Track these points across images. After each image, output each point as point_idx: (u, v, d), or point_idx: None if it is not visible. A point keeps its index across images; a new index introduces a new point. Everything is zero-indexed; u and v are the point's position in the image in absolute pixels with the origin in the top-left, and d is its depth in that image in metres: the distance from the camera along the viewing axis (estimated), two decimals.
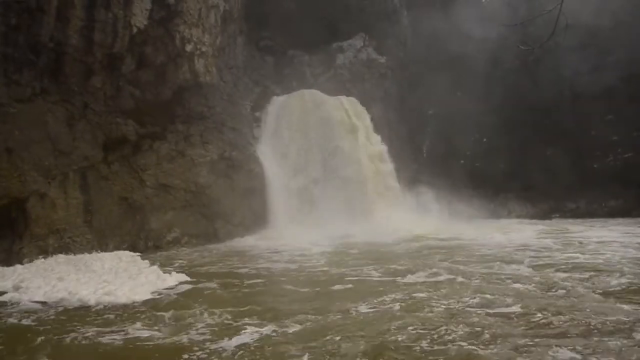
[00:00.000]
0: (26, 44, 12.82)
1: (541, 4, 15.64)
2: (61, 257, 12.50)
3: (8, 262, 11.81)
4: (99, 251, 13.66)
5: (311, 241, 15.44)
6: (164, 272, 9.93)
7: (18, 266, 11.47)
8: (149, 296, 8.15)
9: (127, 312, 7.27)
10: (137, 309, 7.44)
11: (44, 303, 7.93)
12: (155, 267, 10.76)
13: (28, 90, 12.98)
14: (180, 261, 12.35)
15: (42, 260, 12.20)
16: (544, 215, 21.48)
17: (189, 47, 16.46)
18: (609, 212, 20.89)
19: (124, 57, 14.87)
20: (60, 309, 7.60)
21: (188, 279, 9.39)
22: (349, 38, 25.67)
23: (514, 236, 15.49)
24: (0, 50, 12.36)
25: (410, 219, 19.70)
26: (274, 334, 6.01)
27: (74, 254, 13.10)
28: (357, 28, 25.68)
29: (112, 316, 7.09)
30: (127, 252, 13.78)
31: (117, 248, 14.17)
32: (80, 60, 13.82)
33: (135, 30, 14.79)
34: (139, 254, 13.85)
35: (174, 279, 9.29)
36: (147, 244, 15.05)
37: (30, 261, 12.09)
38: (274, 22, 23.82)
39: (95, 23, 13.86)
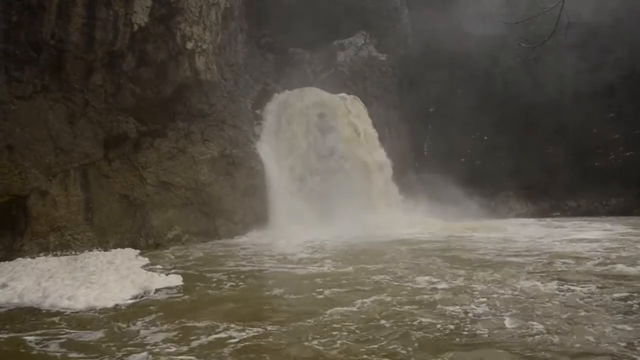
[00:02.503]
0: (27, 41, 12.79)
1: (542, 1, 15.62)
2: (61, 257, 12.53)
3: (9, 259, 11.81)
4: (100, 249, 13.70)
5: (311, 239, 15.45)
6: (160, 273, 9.75)
7: (17, 262, 11.49)
8: (124, 301, 7.83)
9: (64, 320, 6.92)
10: (82, 317, 7.10)
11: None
12: (147, 268, 10.67)
13: (29, 88, 12.96)
14: (179, 259, 12.31)
15: (43, 258, 12.19)
16: (545, 214, 21.48)
17: (189, 45, 16.34)
18: (610, 210, 20.92)
19: (125, 55, 14.74)
20: (3, 310, 7.54)
21: (179, 282, 9.05)
22: (350, 36, 25.68)
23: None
24: (1, 47, 12.33)
25: (410, 218, 19.92)
26: None
27: (75, 251, 13.16)
28: (358, 26, 25.69)
29: (38, 322, 6.80)
30: (128, 250, 13.83)
31: (118, 246, 14.21)
32: (81, 57, 13.71)
33: (136, 27, 14.67)
34: (141, 251, 13.93)
35: (164, 282, 8.96)
36: (147, 241, 15.10)
37: (33, 258, 12.10)
38: (274, 20, 23.77)
39: (96, 21, 13.79)
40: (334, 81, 24.02)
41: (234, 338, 5.89)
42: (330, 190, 19.76)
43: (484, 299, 7.25)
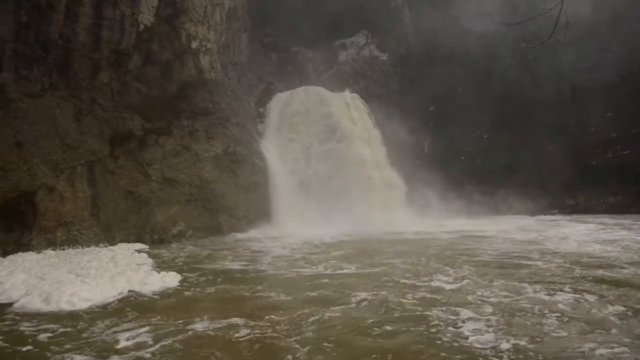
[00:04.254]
0: (36, 40, 12.91)
1: (541, 1, 15.71)
2: (67, 251, 12.62)
3: (17, 253, 11.89)
4: (106, 244, 13.77)
5: (312, 236, 15.46)
6: (159, 271, 9.57)
7: (21, 256, 11.54)
8: (106, 300, 7.56)
9: (27, 318, 6.74)
10: (48, 316, 6.87)
11: None
12: (148, 265, 10.60)
13: (37, 86, 13.08)
14: (181, 256, 12.28)
15: (49, 252, 12.29)
16: (543, 211, 21.52)
17: (194, 44, 16.45)
18: (607, 208, 20.96)
19: (131, 54, 14.90)
20: None
21: (175, 281, 8.73)
22: (352, 35, 25.69)
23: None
24: (11, 46, 12.47)
25: (411, 215, 20.09)
26: None
27: (81, 246, 13.23)
28: (360, 25, 25.68)
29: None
30: (133, 245, 13.87)
31: (124, 241, 14.28)
32: (88, 56, 13.88)
33: (142, 27, 14.82)
34: (145, 246, 13.99)
35: (159, 280, 8.65)
36: (152, 237, 15.15)
37: (40, 252, 12.22)
38: (277, 20, 23.78)
39: (103, 20, 13.93)
40: (336, 80, 24.03)
41: (199, 338, 5.71)
42: (332, 188, 19.79)
43: (477, 308, 6.83)
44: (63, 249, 12.85)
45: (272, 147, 20.10)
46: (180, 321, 6.53)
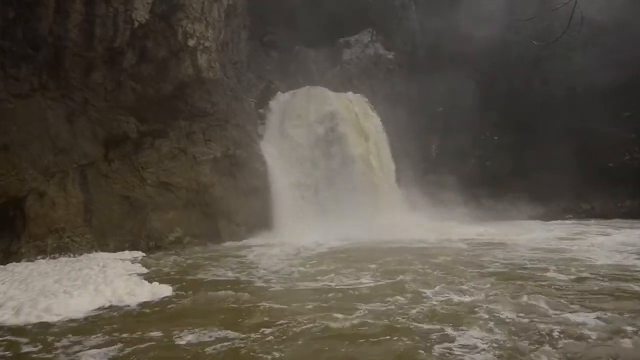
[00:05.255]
0: (24, 38, 12.71)
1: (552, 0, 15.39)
2: (59, 259, 12.46)
3: (6, 262, 11.74)
4: (99, 251, 13.61)
5: (315, 242, 15.35)
6: (153, 280, 9.36)
7: (10, 266, 11.41)
8: (89, 312, 7.33)
9: None
10: (10, 331, 6.62)
11: None
12: (140, 274, 10.43)
13: (26, 86, 12.87)
14: (176, 264, 12.08)
15: (40, 261, 12.13)
16: (557, 216, 21.21)
17: (191, 42, 16.30)
18: (625, 212, 20.60)
19: (125, 52, 14.74)
20: None
21: (167, 292, 8.46)
22: (356, 33, 25.55)
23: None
24: None
25: (419, 220, 19.68)
26: None
27: (74, 254, 13.06)
28: (364, 23, 25.53)
29: None
30: (127, 253, 13.78)
31: (118, 248, 14.13)
32: (80, 55, 13.70)
33: (136, 24, 14.64)
34: (141, 253, 13.86)
35: (148, 292, 8.39)
36: (148, 243, 15.02)
37: (30, 260, 12.07)
38: (278, 17, 23.72)
39: (96, 17, 13.75)
40: (340, 80, 23.93)
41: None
42: (335, 192, 19.66)
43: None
44: (54, 257, 12.68)
45: (273, 150, 19.95)
46: (159, 334, 6.25)
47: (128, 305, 7.83)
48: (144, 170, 15.39)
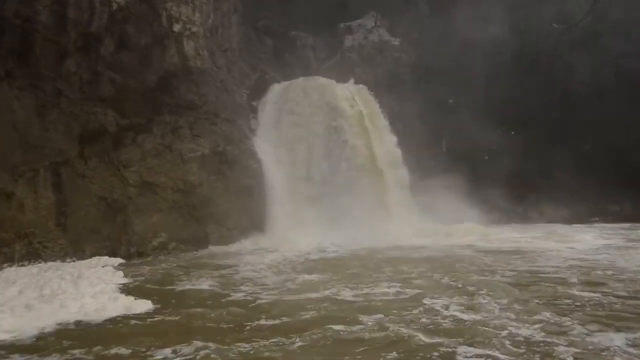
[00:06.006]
0: None
1: None
2: (29, 267, 12.25)
3: None
4: (74, 259, 13.49)
5: (314, 248, 15.32)
6: (130, 292, 9.16)
7: None
8: (45, 329, 7.07)
9: None
10: None
11: None
12: (116, 284, 10.22)
13: None
14: (160, 272, 11.95)
15: (9, 268, 11.96)
16: (582, 219, 20.97)
17: (176, 27, 16.30)
18: None
19: (103, 38, 14.62)
20: None
21: (144, 307, 8.20)
22: (359, 17, 25.51)
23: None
24: None
25: (428, 223, 19.66)
26: None
27: (45, 261, 12.92)
28: (368, 6, 25.48)
29: None
30: (106, 260, 13.57)
31: (96, 255, 13.97)
32: (51, 40, 13.54)
33: (115, 6, 14.58)
34: (121, 261, 13.71)
35: (121, 305, 8.15)
36: (129, 250, 14.94)
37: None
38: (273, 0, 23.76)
39: None
40: (341, 69, 23.82)
41: None
42: (336, 192, 19.58)
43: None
44: (23, 265, 12.51)
45: (267, 146, 19.97)
46: (125, 352, 6.10)
47: (95, 322, 7.58)
48: (124, 169, 15.31)
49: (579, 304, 8.01)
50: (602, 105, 21.40)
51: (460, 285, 9.48)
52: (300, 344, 6.39)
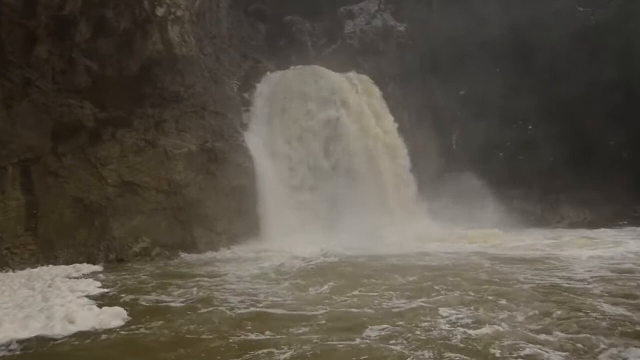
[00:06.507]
0: None
1: None
2: None
3: None
4: (46, 266, 13.46)
5: (311, 254, 15.22)
6: (104, 303, 9.01)
7: None
8: None
9: None
10: None
11: None
12: (90, 295, 10.07)
13: None
14: (141, 281, 11.86)
15: None
16: (607, 223, 20.86)
17: (160, 11, 16.25)
18: None
19: (77, 22, 14.55)
20: None
21: (117, 321, 8.08)
22: (360, 0, 25.61)
23: None
24: None
25: (435, 226, 19.89)
26: None
27: (13, 269, 12.94)
28: None
29: None
30: (83, 267, 13.53)
31: (70, 262, 13.91)
32: (19, 23, 13.43)
33: None
34: (100, 268, 13.66)
35: (92, 319, 8.00)
36: (108, 256, 15.00)
37: None
38: None
39: None
40: (341, 57, 23.78)
41: None
42: (336, 193, 19.64)
43: None
44: None
45: (261, 142, 20.02)
46: None
47: (59, 337, 7.44)
48: (102, 167, 15.30)
49: (606, 318, 7.75)
50: (630, 95, 21.28)
51: (470, 298, 9.30)
52: (291, 353, 6.37)
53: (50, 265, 13.44)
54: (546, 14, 22.86)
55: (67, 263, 13.76)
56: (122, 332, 7.66)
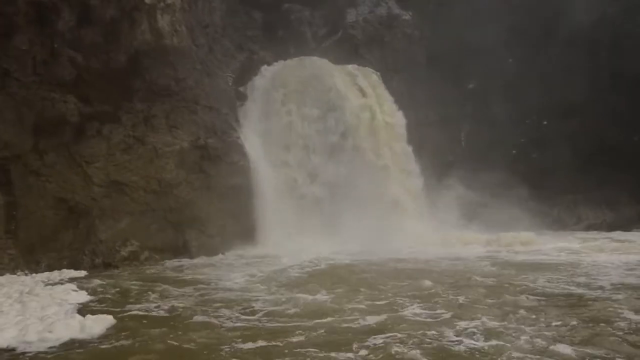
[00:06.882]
0: None
1: None
2: None
3: None
4: (27, 272, 13.32)
5: (310, 257, 15.24)
6: (88, 311, 8.87)
7: None
8: None
9: None
10: None
11: None
12: (73, 303, 9.90)
13: None
14: (127, 287, 11.70)
15: None
16: (629, 225, 20.86)
17: None
18: None
19: (60, 10, 14.55)
20: None
21: (101, 330, 7.99)
22: None
23: None
24: None
25: (443, 228, 19.82)
26: None
27: None
28: None
29: None
30: (66, 272, 13.45)
31: (53, 267, 13.81)
32: None
33: None
34: (85, 274, 13.57)
35: (73, 328, 7.89)
36: (93, 260, 14.94)
37: None
38: None
39: None
40: (342, 48, 23.93)
41: None
42: (337, 193, 19.65)
43: None
44: None
45: (258, 139, 20.02)
46: None
47: (31, 350, 7.26)
48: (88, 165, 15.21)
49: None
50: None
51: (482, 307, 9.20)
52: None
53: (32, 271, 13.27)
54: (564, 1, 22.81)
55: (49, 268, 13.69)
56: (103, 344, 7.51)
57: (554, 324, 8.02)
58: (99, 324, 8.09)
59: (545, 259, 14.78)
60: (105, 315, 8.49)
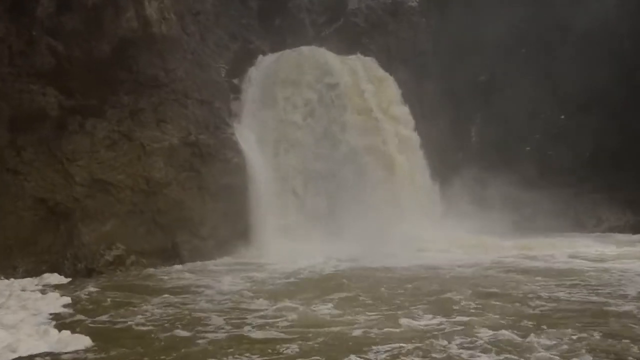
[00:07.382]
0: None
1: None
2: None
3: None
4: (2, 277, 13.34)
5: (310, 263, 15.31)
6: (64, 325, 8.77)
7: None
8: None
9: None
10: None
11: None
12: (50, 314, 9.87)
13: None
14: (112, 296, 11.60)
15: None
16: None
17: None
18: None
19: None
20: None
21: (78, 345, 7.82)
22: None
23: None
24: None
25: (453, 231, 19.68)
26: None
27: None
28: None
29: None
30: (46, 278, 13.52)
31: (31, 273, 13.81)
32: None
33: None
34: (66, 280, 13.67)
35: (45, 343, 7.78)
36: (75, 265, 14.87)
37: None
38: None
39: None
40: (343, 37, 24.08)
41: None
42: (339, 192, 19.73)
43: None
44: None
45: (253, 135, 20.10)
46: None
47: None
48: (69, 163, 15.16)
49: None
50: None
51: (496, 318, 9.10)
52: None
53: (8, 276, 13.28)
54: None
55: (27, 274, 13.69)
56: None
57: (574, 336, 7.85)
58: (75, 339, 7.95)
59: (569, 265, 14.66)
60: (79, 335, 8.18)
